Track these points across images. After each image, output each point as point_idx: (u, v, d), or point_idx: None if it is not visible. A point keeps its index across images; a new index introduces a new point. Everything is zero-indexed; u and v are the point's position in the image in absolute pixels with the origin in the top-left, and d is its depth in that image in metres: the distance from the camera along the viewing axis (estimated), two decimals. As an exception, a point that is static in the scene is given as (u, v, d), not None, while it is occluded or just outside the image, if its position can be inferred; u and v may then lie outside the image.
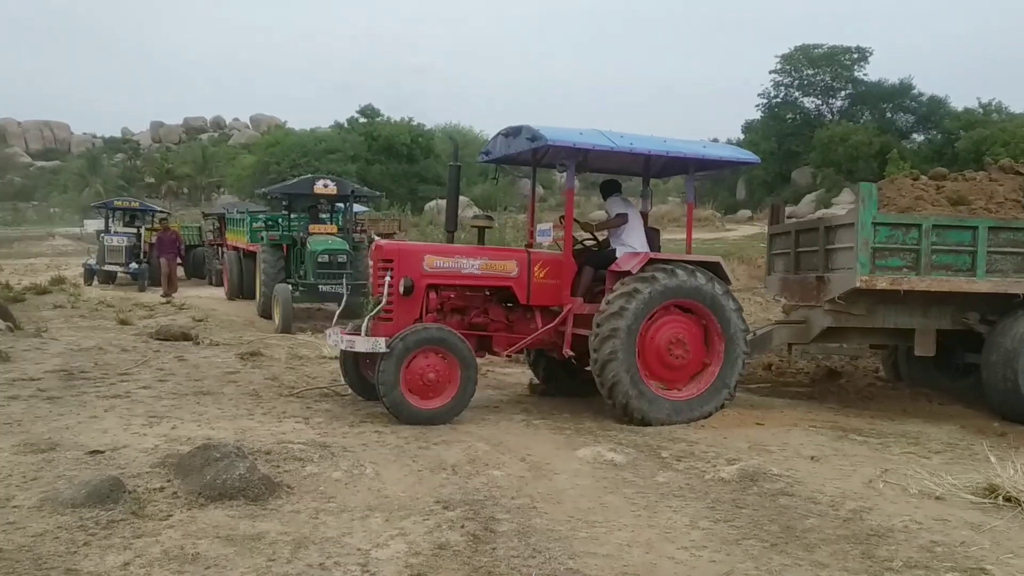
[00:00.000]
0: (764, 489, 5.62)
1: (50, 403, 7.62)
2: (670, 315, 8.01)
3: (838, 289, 8.67)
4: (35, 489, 5.09)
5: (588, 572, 4.12)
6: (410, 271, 7.93)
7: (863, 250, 8.24)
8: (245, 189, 66.92)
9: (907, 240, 8.34)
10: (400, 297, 7.85)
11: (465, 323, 8.31)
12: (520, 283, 8.25)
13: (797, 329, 9.38)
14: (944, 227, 8.39)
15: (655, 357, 7.93)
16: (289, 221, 17.40)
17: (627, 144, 8.06)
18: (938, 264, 8.38)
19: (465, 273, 8.17)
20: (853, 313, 8.81)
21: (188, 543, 4.30)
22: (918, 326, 8.88)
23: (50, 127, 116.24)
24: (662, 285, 7.80)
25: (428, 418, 7.38)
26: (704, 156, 8.53)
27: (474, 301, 8.45)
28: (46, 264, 34.27)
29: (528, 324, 8.43)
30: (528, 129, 8.06)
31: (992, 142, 48.10)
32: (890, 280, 8.32)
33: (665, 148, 8.25)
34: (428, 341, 7.50)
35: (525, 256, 8.35)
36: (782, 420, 8.02)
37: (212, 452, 5.43)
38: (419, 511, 4.95)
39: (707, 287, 7.96)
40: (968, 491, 5.57)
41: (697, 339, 8.08)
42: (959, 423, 8.35)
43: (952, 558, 4.41)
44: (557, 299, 8.31)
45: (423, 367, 7.45)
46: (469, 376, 7.57)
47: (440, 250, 8.32)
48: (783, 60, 63.64)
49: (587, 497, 5.40)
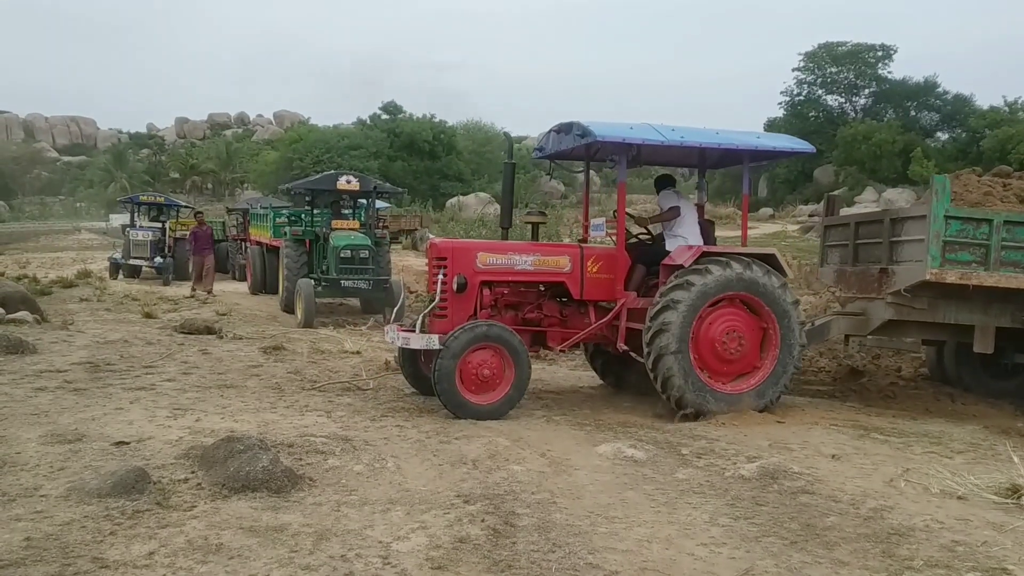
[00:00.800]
0: (784, 487, 5.62)
1: (76, 395, 7.73)
2: (725, 308, 7.99)
3: (904, 281, 8.60)
4: (62, 479, 5.18)
5: (608, 567, 4.14)
6: (463, 268, 7.99)
7: (934, 243, 8.19)
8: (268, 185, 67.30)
9: (977, 235, 8.30)
10: (454, 294, 7.91)
11: (519, 319, 8.36)
12: (573, 278, 8.27)
13: (855, 321, 9.32)
14: (1015, 223, 8.35)
15: (710, 350, 7.92)
16: (312, 216, 17.48)
17: (678, 137, 8.03)
18: (1007, 260, 8.34)
19: (518, 269, 8.21)
20: (915, 307, 8.74)
21: (212, 534, 4.37)
22: (978, 323, 8.81)
23: (77, 123, 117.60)
24: (716, 278, 7.78)
25: (485, 413, 7.47)
26: (758, 147, 8.46)
27: (528, 297, 8.49)
28: (72, 258, 34.58)
29: (582, 319, 8.47)
30: (579, 125, 8.09)
31: (1018, 141, 47.52)
32: (959, 274, 8.27)
33: (718, 140, 8.23)
34: (482, 338, 7.56)
35: (578, 251, 8.37)
36: (803, 418, 8.01)
37: (236, 444, 5.49)
38: (440, 505, 4.99)
39: (764, 279, 7.93)
40: (991, 491, 5.54)
41: (753, 334, 8.05)
42: (982, 423, 8.30)
43: (974, 558, 4.39)
44: (610, 294, 8.32)
45: (478, 363, 7.53)
46: (522, 371, 7.62)
47: (493, 247, 8.36)
48: (807, 58, 63.23)
49: (607, 493, 5.41)
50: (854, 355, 11.27)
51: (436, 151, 67.62)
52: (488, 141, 74.17)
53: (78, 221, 64.26)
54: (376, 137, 67.11)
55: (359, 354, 11.12)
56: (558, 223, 34.29)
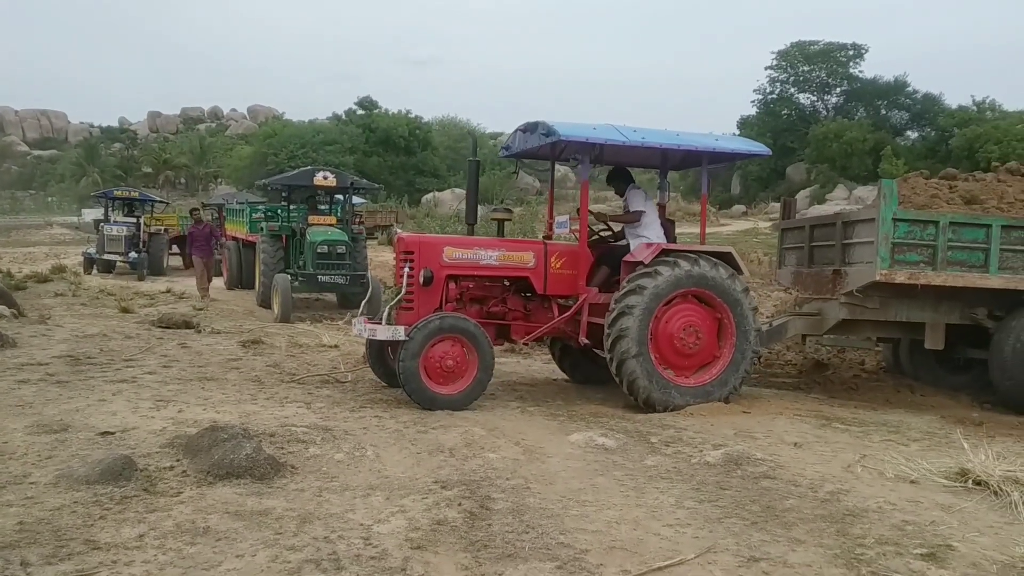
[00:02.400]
0: (748, 472, 5.87)
1: (59, 387, 7.85)
2: (680, 305, 8.23)
3: (856, 282, 8.91)
4: (50, 467, 5.33)
5: (578, 546, 4.36)
6: (430, 262, 8.20)
7: (883, 244, 8.49)
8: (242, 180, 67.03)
9: (925, 236, 8.60)
10: (420, 287, 8.13)
11: (484, 312, 8.57)
12: (537, 273, 8.50)
13: (811, 321, 9.61)
14: (960, 224, 8.67)
15: (669, 347, 8.16)
16: (288, 212, 17.58)
17: (639, 138, 8.26)
18: (953, 260, 8.65)
19: (483, 264, 8.43)
20: (867, 306, 9.06)
21: (199, 518, 4.54)
22: (929, 320, 9.14)
23: (47, 116, 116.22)
24: (666, 278, 8.02)
25: (447, 403, 7.65)
26: (716, 149, 8.70)
27: (493, 291, 8.72)
28: (45, 253, 34.40)
29: (545, 313, 8.69)
30: (543, 125, 8.30)
31: (985, 140, 48.45)
32: (908, 274, 8.58)
33: (677, 142, 8.47)
34: (446, 329, 7.76)
35: (542, 247, 8.60)
36: (768, 409, 8.28)
37: (219, 433, 5.67)
38: (418, 490, 5.19)
39: (711, 274, 8.19)
40: (941, 475, 5.82)
41: (709, 326, 8.30)
42: (939, 413, 8.62)
43: (921, 536, 4.66)
44: (573, 289, 8.55)
45: (441, 354, 7.72)
46: (486, 363, 7.82)
47: (459, 242, 8.58)
48: (779, 56, 63.89)
49: (578, 479, 5.64)
50: (820, 349, 11.59)
51: (412, 147, 67.69)
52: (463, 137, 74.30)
53: (50, 216, 63.67)
54: (351, 132, 67.09)
55: (337, 348, 11.28)
56: (533, 219, 34.53)
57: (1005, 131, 49.20)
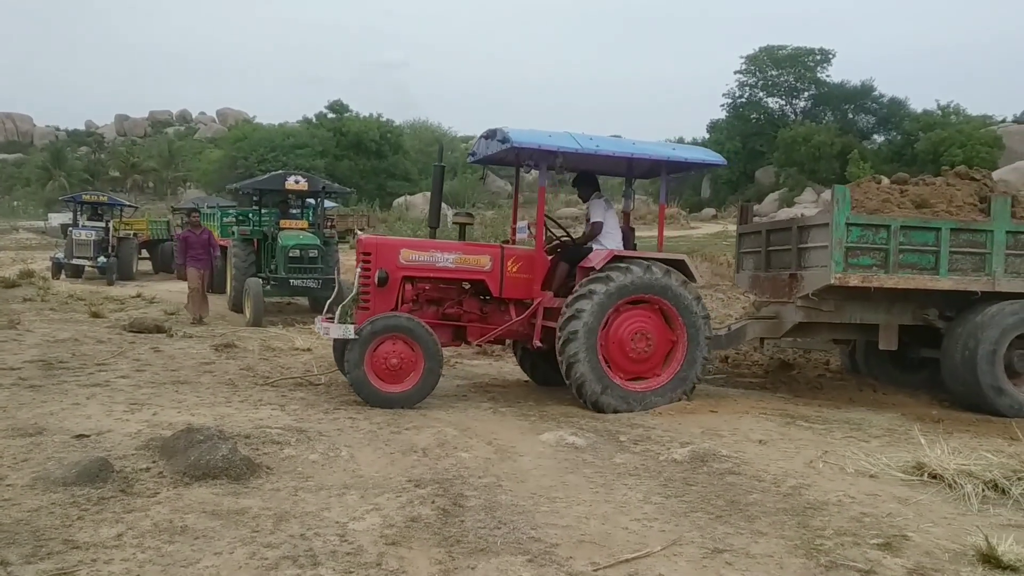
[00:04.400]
0: (713, 469, 6.04)
1: (32, 391, 7.86)
2: (633, 310, 8.40)
3: (812, 286, 9.11)
4: (26, 470, 5.38)
5: (548, 540, 4.50)
6: (386, 263, 8.36)
7: (837, 249, 8.69)
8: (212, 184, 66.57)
9: (877, 240, 8.81)
10: (376, 288, 8.28)
11: (440, 314, 8.72)
12: (493, 277, 8.64)
13: (769, 324, 9.80)
14: (911, 228, 8.89)
15: (619, 351, 8.32)
16: (260, 216, 17.58)
17: (593, 146, 8.42)
18: (905, 263, 8.87)
19: (439, 266, 8.57)
20: (823, 309, 9.26)
21: (176, 517, 4.62)
22: (882, 321, 9.37)
23: (12, 119, 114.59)
24: (617, 284, 8.18)
25: (389, 401, 7.81)
26: (671, 158, 8.90)
27: (449, 293, 8.86)
28: (11, 258, 33.94)
29: (502, 316, 8.83)
30: (500, 132, 8.49)
31: (950, 143, 49.19)
32: (861, 277, 8.79)
33: (632, 150, 8.64)
34: (393, 328, 7.91)
35: (499, 251, 8.75)
36: (735, 408, 8.46)
37: (195, 435, 5.75)
38: (392, 489, 5.30)
39: (662, 280, 8.35)
40: (899, 470, 6.03)
41: (660, 333, 8.46)
42: (901, 411, 8.84)
43: (878, 527, 4.84)
44: (529, 292, 8.70)
45: (387, 353, 7.86)
46: (432, 365, 7.95)
47: (416, 244, 8.75)
48: (748, 61, 64.41)
49: (549, 476, 5.77)
50: (786, 349, 11.82)
51: (383, 150, 67.53)
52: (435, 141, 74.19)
53: (15, 220, 62.79)
54: (322, 136, 66.75)
55: (310, 351, 11.34)
56: (506, 222, 34.55)
57: (969, 135, 50.02)
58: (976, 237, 8.99)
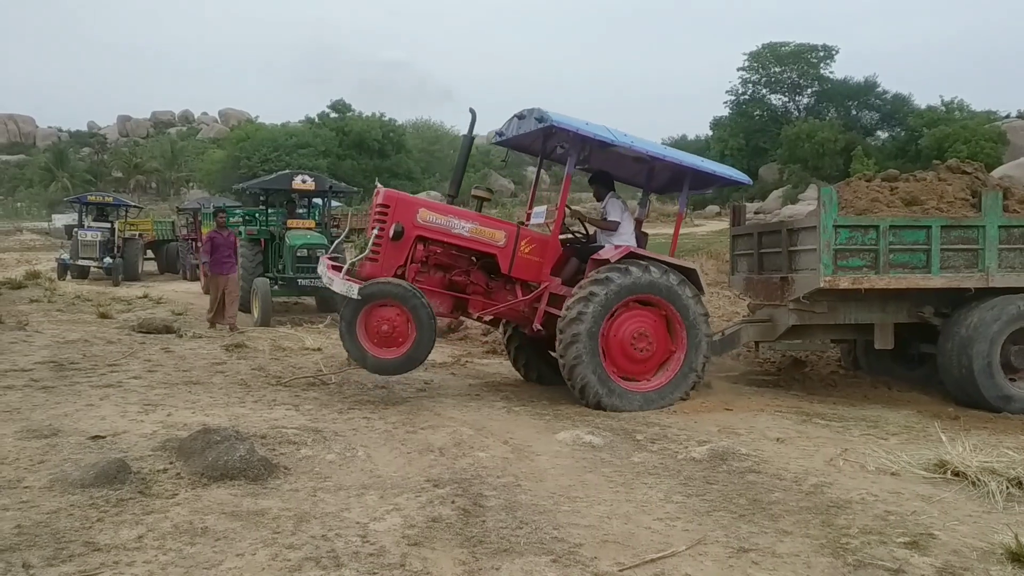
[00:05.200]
0: (733, 467, 6.00)
1: (45, 392, 7.84)
2: (634, 311, 8.33)
3: (802, 289, 9.05)
4: (43, 471, 5.36)
5: (572, 540, 4.46)
6: (403, 219, 8.29)
7: (826, 252, 8.64)
8: (215, 184, 66.69)
9: (866, 241, 8.74)
10: (389, 241, 8.21)
11: (446, 280, 8.64)
12: (505, 253, 8.57)
13: (763, 327, 9.74)
14: (900, 227, 8.81)
15: (620, 351, 8.25)
16: (267, 216, 17.56)
17: (628, 141, 8.39)
18: (896, 263, 8.80)
19: (454, 233, 8.50)
20: (816, 311, 9.20)
21: (196, 518, 4.59)
22: (877, 321, 9.31)
23: (15, 120, 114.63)
24: (617, 284, 8.11)
25: (364, 361, 7.84)
26: (700, 168, 8.88)
27: (459, 261, 8.77)
28: (16, 259, 34.00)
29: (506, 295, 8.77)
30: (537, 111, 8.41)
31: (954, 139, 49.16)
32: (852, 280, 8.72)
33: (663, 153, 8.65)
34: (388, 295, 7.83)
35: (514, 229, 8.69)
36: (749, 406, 8.42)
37: (212, 435, 5.72)
38: (411, 489, 5.27)
39: (662, 280, 8.27)
40: (921, 467, 5.97)
41: (661, 333, 8.40)
42: (916, 408, 8.79)
43: (904, 525, 4.80)
44: (537, 275, 8.64)
45: (381, 318, 7.82)
46: (420, 345, 7.88)
47: (435, 207, 8.67)
48: (751, 58, 64.43)
49: (568, 476, 5.74)
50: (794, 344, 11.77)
51: (386, 149, 67.60)
52: (437, 139, 74.40)
53: (19, 221, 62.88)
54: (325, 136, 66.84)
55: (320, 351, 11.32)
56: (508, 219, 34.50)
57: (973, 131, 50.00)
58: (968, 233, 8.88)
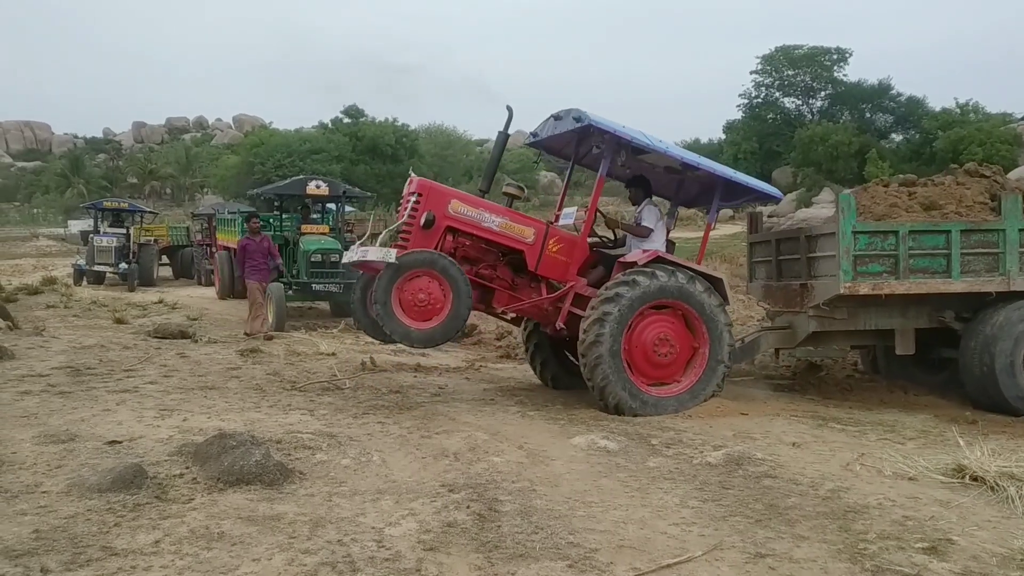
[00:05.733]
0: (749, 472, 5.98)
1: (62, 398, 7.88)
2: (655, 315, 8.31)
3: (822, 296, 9.01)
4: (61, 476, 5.38)
5: (588, 546, 4.45)
6: (436, 208, 8.32)
7: (845, 258, 8.61)
8: (229, 189, 66.89)
9: (885, 246, 8.72)
10: (419, 228, 8.24)
11: (473, 272, 8.60)
12: (533, 250, 8.58)
13: (783, 335, 9.70)
14: (919, 232, 8.79)
15: (642, 356, 8.23)
16: (281, 221, 17.63)
17: (663, 147, 8.45)
18: (915, 268, 8.77)
19: (484, 226, 8.51)
20: (836, 317, 9.17)
21: (212, 523, 4.60)
22: (898, 326, 9.27)
23: (31, 127, 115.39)
24: (643, 288, 8.09)
25: (409, 336, 7.81)
26: (734, 179, 8.89)
27: (487, 256, 8.78)
28: (32, 265, 34.26)
29: (531, 292, 8.78)
30: (575, 111, 8.44)
31: (969, 142, 48.83)
32: (871, 285, 8.69)
33: (698, 161, 8.70)
34: (429, 264, 7.83)
35: (544, 227, 8.69)
36: (765, 410, 8.39)
37: (228, 440, 5.73)
38: (426, 494, 5.27)
39: (686, 287, 8.25)
40: (938, 472, 5.94)
41: (683, 338, 8.38)
42: (933, 412, 8.74)
43: (922, 530, 4.76)
44: (563, 275, 8.65)
45: (417, 288, 7.80)
46: (459, 310, 7.86)
47: (467, 199, 8.67)
48: (764, 61, 64.19)
49: (583, 480, 5.72)
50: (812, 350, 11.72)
51: (399, 155, 67.63)
52: (450, 144, 74.41)
53: (35, 227, 63.31)
54: (338, 141, 66.94)
55: (334, 355, 11.36)
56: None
57: (988, 133, 49.68)
58: (988, 237, 8.86)
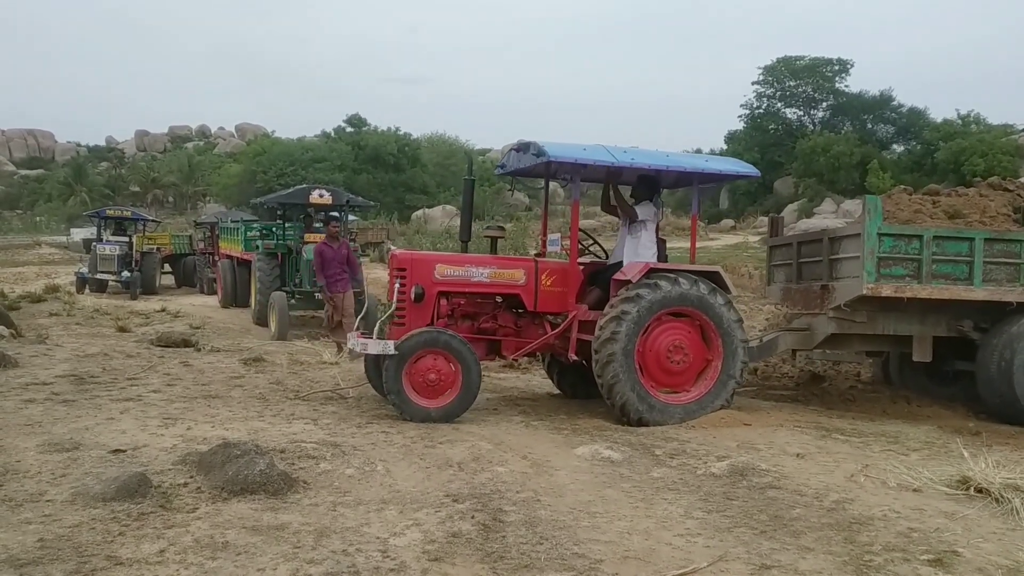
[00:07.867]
0: (753, 483, 5.97)
1: (66, 406, 7.89)
2: (668, 323, 8.34)
3: (843, 297, 9.05)
4: (65, 485, 5.38)
5: (592, 556, 4.44)
6: (422, 279, 8.37)
7: (869, 259, 8.64)
8: (231, 198, 67.04)
9: (909, 250, 8.75)
10: (412, 303, 8.28)
11: (475, 328, 8.70)
12: (528, 291, 8.61)
13: (801, 336, 9.73)
14: (944, 238, 8.83)
15: (656, 365, 8.26)
16: (284, 230, 17.66)
17: (628, 159, 8.43)
18: (938, 273, 8.80)
19: (474, 281, 8.56)
20: (855, 320, 9.19)
21: (217, 533, 4.60)
22: (916, 333, 9.29)
23: (34, 136, 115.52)
24: (648, 300, 8.12)
25: (430, 416, 7.79)
26: (705, 170, 8.88)
27: (484, 307, 8.84)
28: (35, 273, 34.22)
29: (536, 329, 8.83)
30: (534, 145, 8.47)
31: (971, 153, 48.89)
32: (894, 288, 8.72)
33: (666, 163, 8.61)
34: (430, 343, 7.90)
35: (532, 265, 8.73)
36: (768, 421, 8.37)
37: (232, 450, 5.73)
38: (430, 504, 5.27)
39: (691, 292, 8.29)
40: (943, 483, 5.93)
41: (696, 344, 8.40)
42: (936, 423, 8.74)
43: (927, 542, 4.76)
44: (563, 306, 8.67)
45: (425, 368, 7.85)
46: (471, 379, 7.94)
47: (451, 259, 8.74)
48: (765, 71, 64.28)
49: (587, 491, 5.72)
50: (815, 361, 11.72)
51: (401, 164, 67.76)
52: (452, 154, 74.46)
53: (38, 235, 63.32)
54: (340, 150, 67.08)
55: (338, 365, 11.34)
56: (524, 235, 34.60)
57: (990, 144, 49.72)
58: (1011, 247, 8.91)
